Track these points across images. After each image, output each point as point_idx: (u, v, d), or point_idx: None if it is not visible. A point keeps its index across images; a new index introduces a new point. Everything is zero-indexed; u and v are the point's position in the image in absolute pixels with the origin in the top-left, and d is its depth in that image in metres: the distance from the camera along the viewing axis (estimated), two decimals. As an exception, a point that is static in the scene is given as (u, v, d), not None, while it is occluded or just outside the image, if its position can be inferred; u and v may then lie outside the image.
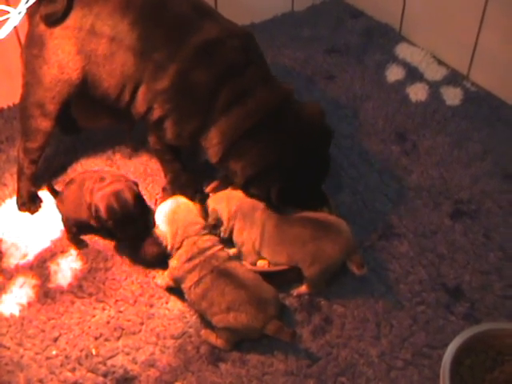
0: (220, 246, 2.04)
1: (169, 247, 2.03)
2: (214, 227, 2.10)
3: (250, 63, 2.11)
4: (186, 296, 2.00)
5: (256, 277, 1.97)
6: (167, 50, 2.06)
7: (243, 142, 2.06)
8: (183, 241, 2.01)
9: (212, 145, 2.11)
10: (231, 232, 2.12)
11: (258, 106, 2.06)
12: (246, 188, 2.13)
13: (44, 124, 2.24)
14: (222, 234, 2.11)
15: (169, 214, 2.05)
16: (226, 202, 2.11)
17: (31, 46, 2.17)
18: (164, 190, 2.30)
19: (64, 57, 2.12)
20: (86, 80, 2.16)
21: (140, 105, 2.14)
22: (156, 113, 2.12)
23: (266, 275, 2.01)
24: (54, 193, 2.33)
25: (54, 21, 2.09)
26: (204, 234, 2.04)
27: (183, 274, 1.99)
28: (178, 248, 2.02)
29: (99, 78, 2.14)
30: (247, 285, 1.92)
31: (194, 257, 1.98)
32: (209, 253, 1.99)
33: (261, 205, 2.12)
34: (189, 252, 1.99)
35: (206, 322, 2.00)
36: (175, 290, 2.07)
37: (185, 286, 1.99)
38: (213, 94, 2.06)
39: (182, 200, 2.11)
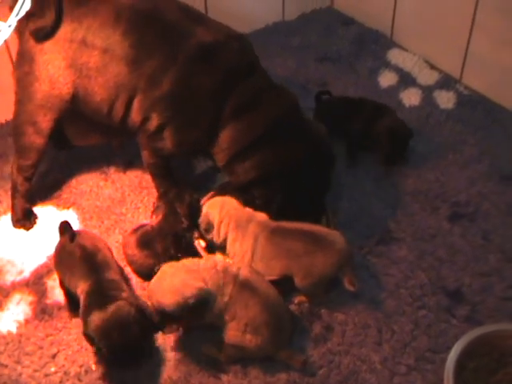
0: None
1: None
2: (205, 231, 2.10)
3: (252, 66, 2.13)
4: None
5: (277, 294, 1.94)
6: (162, 56, 2.06)
7: (251, 147, 2.08)
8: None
9: (220, 150, 2.11)
10: (225, 242, 2.09)
11: (268, 113, 2.08)
12: (248, 190, 2.12)
13: (37, 141, 2.23)
14: (214, 239, 2.09)
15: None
16: (219, 207, 2.09)
17: (22, 63, 2.16)
18: (157, 208, 2.21)
19: (55, 72, 2.12)
20: (78, 95, 2.15)
21: (136, 115, 2.13)
22: (154, 122, 2.11)
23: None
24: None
25: (43, 36, 2.09)
26: None
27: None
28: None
29: (91, 92, 2.13)
30: (270, 304, 1.89)
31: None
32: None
33: (256, 217, 2.09)
34: None
35: (206, 337, 1.97)
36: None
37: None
38: (219, 99, 2.06)
39: None
